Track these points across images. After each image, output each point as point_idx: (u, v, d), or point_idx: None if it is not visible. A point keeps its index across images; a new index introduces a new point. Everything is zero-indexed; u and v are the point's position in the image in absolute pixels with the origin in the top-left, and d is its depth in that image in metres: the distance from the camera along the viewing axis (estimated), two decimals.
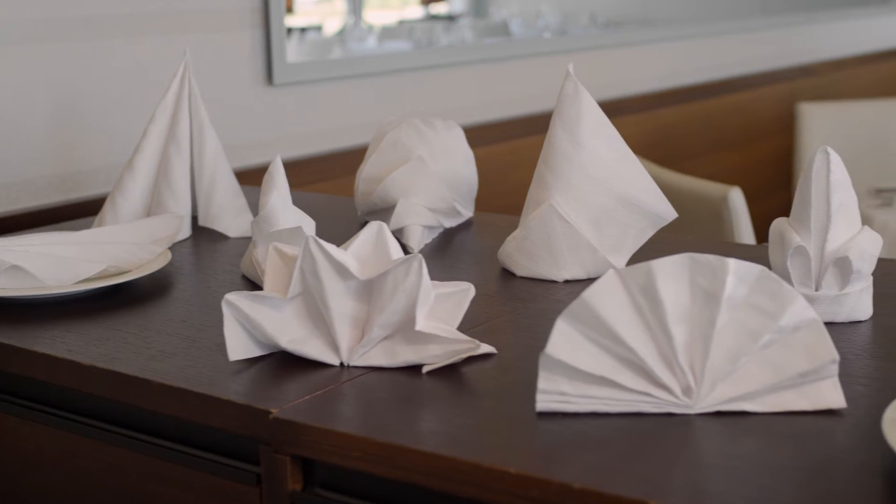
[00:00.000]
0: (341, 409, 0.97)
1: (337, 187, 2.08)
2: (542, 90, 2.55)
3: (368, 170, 1.55)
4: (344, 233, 1.30)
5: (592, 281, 0.91)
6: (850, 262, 1.10)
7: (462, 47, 2.75)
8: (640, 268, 0.90)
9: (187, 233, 1.54)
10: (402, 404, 0.97)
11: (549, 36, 3.05)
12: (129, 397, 1.05)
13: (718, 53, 3.25)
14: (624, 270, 0.90)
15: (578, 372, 0.91)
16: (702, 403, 0.91)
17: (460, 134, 1.59)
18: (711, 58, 3.21)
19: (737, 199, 2.24)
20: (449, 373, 1.02)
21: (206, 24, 1.93)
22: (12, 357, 1.13)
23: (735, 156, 3.32)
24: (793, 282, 1.13)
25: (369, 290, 1.04)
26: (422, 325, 1.03)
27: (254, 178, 1.83)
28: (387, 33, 3.11)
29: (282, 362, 1.05)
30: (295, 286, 1.04)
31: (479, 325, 1.14)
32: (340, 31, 3.05)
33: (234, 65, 1.98)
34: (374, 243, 1.07)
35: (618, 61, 2.88)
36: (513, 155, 2.47)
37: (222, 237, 1.54)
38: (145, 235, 1.41)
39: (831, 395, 0.92)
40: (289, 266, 1.07)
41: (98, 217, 1.54)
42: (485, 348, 1.04)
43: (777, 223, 1.16)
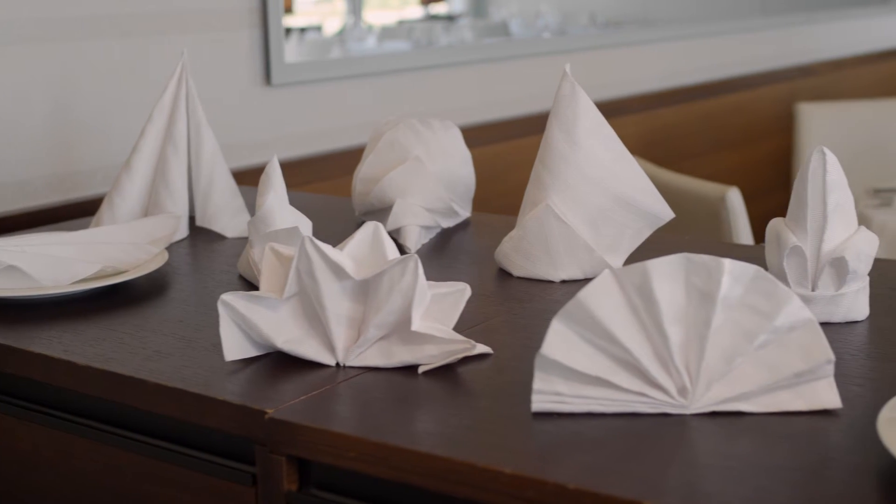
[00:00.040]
0: (337, 410, 0.97)
1: (334, 187, 2.08)
2: (542, 90, 2.55)
3: (366, 170, 1.55)
4: (341, 233, 1.30)
5: (589, 281, 0.91)
6: (847, 262, 1.10)
7: (461, 47, 2.75)
8: (635, 268, 0.90)
9: (184, 233, 1.54)
10: (398, 405, 0.97)
11: (548, 36, 3.05)
12: (126, 397, 1.05)
13: (718, 53, 3.24)
14: (619, 271, 0.90)
15: (574, 372, 0.91)
16: (697, 404, 0.91)
17: (457, 134, 1.59)
18: (711, 58, 3.21)
19: (735, 199, 2.24)
20: (445, 373, 1.02)
21: (204, 24, 1.93)
22: (9, 357, 1.13)
23: (734, 156, 3.32)
24: (789, 282, 1.13)
25: (365, 291, 1.04)
26: (418, 325, 1.03)
27: (251, 179, 1.83)
28: (386, 33, 3.11)
29: (278, 362, 1.05)
30: (291, 286, 1.04)
31: (476, 326, 1.14)
32: (340, 32, 3.05)
33: (232, 65, 1.98)
34: (371, 243, 1.07)
35: (617, 61, 2.88)
36: (512, 155, 2.47)
37: (219, 237, 1.54)
38: (142, 235, 1.41)
39: (827, 396, 0.92)
40: (285, 266, 1.07)
41: (95, 217, 1.54)
42: (481, 349, 1.04)
43: (773, 223, 1.16)
